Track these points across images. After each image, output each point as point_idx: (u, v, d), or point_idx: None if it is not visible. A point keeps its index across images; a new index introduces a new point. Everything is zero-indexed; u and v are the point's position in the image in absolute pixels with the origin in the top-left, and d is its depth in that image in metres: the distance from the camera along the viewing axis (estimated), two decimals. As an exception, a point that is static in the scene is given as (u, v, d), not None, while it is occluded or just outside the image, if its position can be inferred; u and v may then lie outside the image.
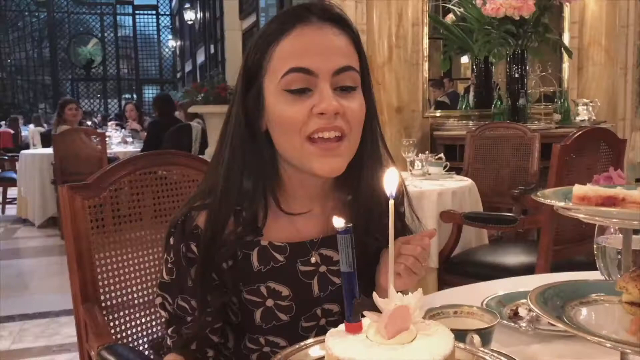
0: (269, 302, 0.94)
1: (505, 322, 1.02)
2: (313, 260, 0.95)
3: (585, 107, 4.13)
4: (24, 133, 11.74)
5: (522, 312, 1.05)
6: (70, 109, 6.29)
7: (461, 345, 0.66)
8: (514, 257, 2.49)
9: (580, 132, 2.19)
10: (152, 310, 1.34)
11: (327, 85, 0.86)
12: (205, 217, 0.90)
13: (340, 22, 0.90)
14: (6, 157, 8.38)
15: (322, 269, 0.96)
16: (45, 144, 7.51)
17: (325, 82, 0.86)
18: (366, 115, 0.92)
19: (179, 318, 0.93)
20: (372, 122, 0.95)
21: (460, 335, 0.82)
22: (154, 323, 1.35)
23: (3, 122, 12.91)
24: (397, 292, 0.60)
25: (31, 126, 11.57)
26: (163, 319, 0.97)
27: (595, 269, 1.02)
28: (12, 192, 7.07)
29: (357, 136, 0.90)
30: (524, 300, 1.03)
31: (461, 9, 4.40)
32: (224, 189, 0.90)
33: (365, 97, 0.92)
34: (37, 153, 6.51)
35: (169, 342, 0.94)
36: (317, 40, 0.87)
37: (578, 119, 4.13)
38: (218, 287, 0.92)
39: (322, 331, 0.96)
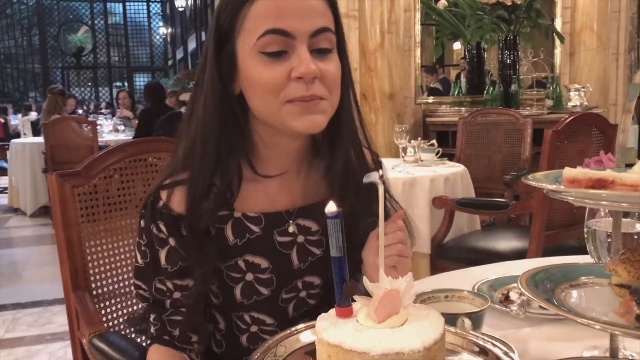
0: (249, 276, 0.92)
1: (496, 306, 1.03)
2: (291, 229, 0.94)
3: (577, 93, 4.14)
4: (13, 122, 11.65)
5: (513, 296, 1.05)
6: (70, 97, 6.28)
7: (452, 329, 0.66)
8: (506, 243, 2.50)
9: (572, 118, 2.19)
10: (144, 297, 1.33)
11: (305, 47, 0.83)
12: (185, 193, 0.88)
13: None
14: (-4, 146, 8.32)
15: (300, 239, 0.94)
16: (35, 133, 7.46)
17: (302, 44, 0.83)
18: (342, 80, 0.89)
19: (159, 303, 0.92)
20: (348, 87, 0.92)
21: (451, 319, 0.83)
22: (145, 310, 1.34)
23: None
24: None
25: (20, 115, 11.48)
26: (143, 308, 0.96)
27: (586, 253, 1.02)
28: (3, 181, 7.02)
29: (337, 98, 0.89)
30: (515, 285, 1.03)
31: (453, -5, 4.38)
32: (201, 161, 0.88)
33: (340, 60, 0.89)
34: (27, 142, 6.47)
35: (152, 329, 0.93)
36: (294, 1, 0.84)
37: (570, 104, 4.14)
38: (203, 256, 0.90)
39: (301, 303, 0.96)
